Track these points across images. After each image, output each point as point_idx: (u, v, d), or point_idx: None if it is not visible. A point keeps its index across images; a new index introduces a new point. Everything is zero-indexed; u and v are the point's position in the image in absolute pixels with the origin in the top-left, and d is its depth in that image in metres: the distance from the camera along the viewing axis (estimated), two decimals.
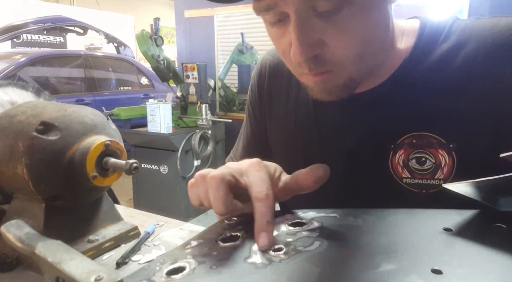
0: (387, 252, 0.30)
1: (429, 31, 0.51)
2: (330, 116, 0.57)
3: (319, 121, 0.58)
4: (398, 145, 0.51)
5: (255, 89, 0.67)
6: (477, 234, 0.32)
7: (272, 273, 0.28)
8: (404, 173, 0.51)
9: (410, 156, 0.50)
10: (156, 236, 0.77)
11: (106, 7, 8.78)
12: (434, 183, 0.49)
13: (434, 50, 0.50)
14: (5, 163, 0.63)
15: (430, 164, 0.49)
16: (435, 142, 0.49)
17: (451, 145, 0.48)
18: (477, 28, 0.48)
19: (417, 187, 0.50)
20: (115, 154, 0.67)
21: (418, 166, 0.50)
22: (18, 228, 0.36)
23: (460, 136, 0.48)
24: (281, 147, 0.64)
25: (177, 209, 3.07)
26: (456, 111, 0.48)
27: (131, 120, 3.17)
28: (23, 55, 4.14)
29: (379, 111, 0.53)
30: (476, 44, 0.47)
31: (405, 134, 0.50)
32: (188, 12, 3.67)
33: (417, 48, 0.51)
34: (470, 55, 0.47)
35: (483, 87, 0.46)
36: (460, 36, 0.49)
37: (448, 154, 0.48)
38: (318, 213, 0.39)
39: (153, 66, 3.13)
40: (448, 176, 0.49)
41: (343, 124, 0.55)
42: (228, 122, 3.32)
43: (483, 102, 0.47)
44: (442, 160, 0.49)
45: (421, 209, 0.38)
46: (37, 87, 0.81)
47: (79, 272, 0.27)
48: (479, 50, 0.47)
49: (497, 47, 0.46)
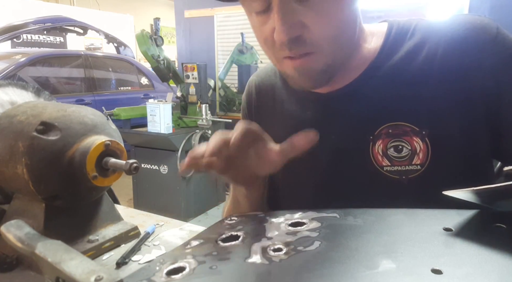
0: (387, 252, 0.30)
1: (396, 31, 0.57)
2: (313, 114, 0.61)
3: (303, 121, 0.62)
4: (376, 135, 0.55)
5: (245, 107, 0.74)
6: (477, 234, 0.32)
7: (272, 273, 0.28)
8: (384, 162, 0.54)
9: (388, 145, 0.54)
10: (156, 236, 0.77)
11: (106, 7, 8.78)
12: (412, 168, 0.53)
13: (401, 47, 0.56)
14: (5, 163, 0.63)
15: (407, 151, 0.53)
16: (409, 130, 0.53)
17: (423, 132, 0.52)
18: (439, 26, 0.55)
19: (397, 173, 0.54)
20: (115, 154, 0.67)
21: (396, 154, 0.54)
22: (18, 228, 0.36)
23: (431, 123, 0.52)
24: None
25: (177, 209, 3.07)
26: (424, 100, 0.53)
27: (131, 120, 3.17)
28: (23, 55, 4.13)
29: (356, 105, 0.57)
30: (437, 39, 0.53)
31: (382, 125, 0.54)
32: (188, 12, 3.67)
33: (385, 46, 0.57)
34: (432, 49, 0.53)
35: (445, 77, 0.52)
36: (423, 34, 0.55)
37: (422, 140, 0.52)
38: (318, 213, 0.39)
39: (153, 66, 3.12)
40: (425, 161, 0.52)
41: (325, 121, 0.59)
42: (228, 122, 3.32)
43: (448, 90, 0.52)
44: (417, 147, 0.53)
45: (421, 209, 0.38)
46: (37, 87, 0.81)
47: (79, 272, 0.27)
48: (440, 44, 0.53)
49: (455, 41, 0.52)
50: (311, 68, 0.50)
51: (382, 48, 0.57)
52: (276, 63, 0.53)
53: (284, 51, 0.49)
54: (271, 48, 0.51)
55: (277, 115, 0.67)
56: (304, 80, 0.52)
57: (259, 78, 0.72)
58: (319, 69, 0.51)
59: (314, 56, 0.49)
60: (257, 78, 0.72)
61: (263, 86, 0.71)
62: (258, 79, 0.72)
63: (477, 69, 0.51)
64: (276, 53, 0.51)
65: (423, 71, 0.53)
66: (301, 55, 0.49)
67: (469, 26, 0.52)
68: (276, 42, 0.48)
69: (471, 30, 0.52)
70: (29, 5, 6.79)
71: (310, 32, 0.47)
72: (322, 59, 0.50)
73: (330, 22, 0.48)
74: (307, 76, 0.51)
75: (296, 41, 0.47)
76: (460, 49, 0.52)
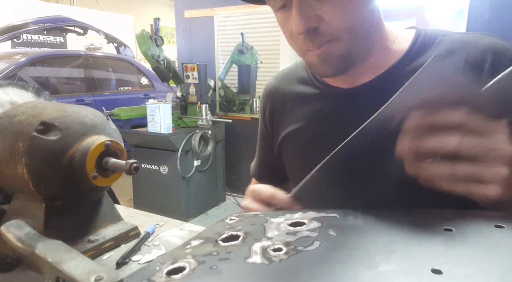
0: (386, 252, 0.30)
1: (422, 38, 0.62)
2: (332, 108, 0.67)
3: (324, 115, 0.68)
4: None
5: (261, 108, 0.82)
6: (477, 234, 0.32)
7: (272, 273, 0.28)
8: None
9: None
10: (156, 236, 0.77)
11: (106, 7, 8.78)
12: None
13: (426, 53, 0.60)
14: (5, 163, 0.63)
15: None
16: None
17: None
18: (463, 43, 0.59)
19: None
20: (115, 154, 0.67)
21: None
22: (18, 228, 0.36)
23: None
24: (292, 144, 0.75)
25: (177, 209, 3.07)
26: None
27: (131, 120, 3.16)
28: (23, 55, 4.13)
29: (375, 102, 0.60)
30: (459, 55, 0.58)
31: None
32: (188, 12, 3.67)
33: (411, 50, 0.61)
34: (453, 62, 0.58)
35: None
36: (448, 47, 0.59)
37: None
38: (318, 213, 0.39)
39: (153, 66, 3.12)
40: None
41: (344, 115, 0.64)
42: (228, 122, 3.32)
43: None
44: None
45: (421, 209, 0.38)
46: (37, 87, 0.81)
47: (79, 272, 0.27)
48: (460, 61, 0.57)
49: (473, 60, 0.57)
50: (332, 54, 0.56)
51: (408, 52, 0.61)
52: (301, 55, 0.59)
53: (306, 44, 0.55)
54: (296, 42, 0.57)
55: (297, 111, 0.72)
56: (326, 67, 0.58)
57: (276, 80, 0.80)
58: (339, 54, 0.56)
59: (334, 43, 0.55)
60: (273, 81, 0.80)
61: (281, 86, 0.77)
62: (273, 82, 0.80)
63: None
64: (300, 47, 0.57)
65: None
66: (322, 45, 0.55)
67: (489, 49, 0.56)
68: (294, 34, 0.55)
69: (490, 52, 0.56)
70: (29, 5, 6.78)
71: (326, 24, 0.53)
72: (342, 46, 0.55)
73: (345, 15, 0.53)
74: (329, 62, 0.57)
75: (313, 32, 0.53)
76: (478, 68, 0.56)
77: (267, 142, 0.84)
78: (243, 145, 3.52)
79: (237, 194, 3.60)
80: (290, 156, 0.76)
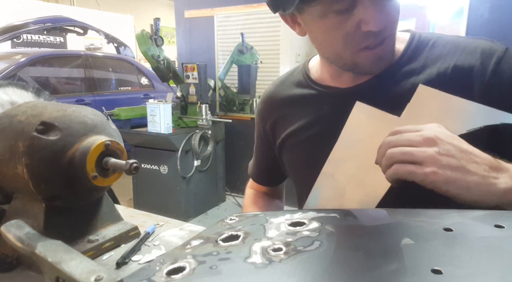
0: (387, 252, 0.30)
1: (417, 41, 0.65)
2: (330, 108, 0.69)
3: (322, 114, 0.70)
4: None
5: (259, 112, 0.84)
6: (477, 234, 0.32)
7: (272, 273, 0.28)
8: None
9: None
10: (156, 236, 0.77)
11: (106, 7, 8.78)
12: None
13: (419, 56, 0.64)
14: (5, 163, 0.63)
15: None
16: None
17: None
18: (455, 46, 0.63)
19: None
20: (115, 154, 0.67)
21: None
22: (18, 228, 0.36)
23: None
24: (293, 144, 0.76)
25: (177, 209, 3.07)
26: None
27: (131, 120, 3.16)
28: (23, 55, 4.13)
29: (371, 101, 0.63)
30: (450, 59, 0.62)
31: None
32: (188, 12, 3.67)
33: (406, 52, 0.65)
34: (445, 64, 0.61)
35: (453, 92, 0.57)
36: (441, 50, 0.63)
37: None
38: (318, 213, 0.39)
39: (153, 66, 3.12)
40: None
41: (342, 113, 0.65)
42: (228, 122, 3.32)
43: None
44: None
45: (421, 209, 0.38)
46: (37, 87, 0.81)
47: (79, 272, 0.27)
48: (451, 63, 0.61)
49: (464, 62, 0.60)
50: (386, 53, 0.60)
51: (403, 54, 0.65)
52: (350, 56, 0.59)
53: (367, 40, 0.56)
54: (351, 42, 0.57)
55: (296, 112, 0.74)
56: (373, 67, 0.61)
57: (274, 85, 0.82)
58: (383, 56, 0.60)
59: (387, 41, 0.58)
60: (272, 87, 0.82)
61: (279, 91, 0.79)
62: (271, 87, 0.82)
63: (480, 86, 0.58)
64: (356, 45, 0.57)
65: (434, 81, 0.60)
66: (380, 43, 0.57)
67: (479, 51, 0.60)
68: (361, 33, 0.55)
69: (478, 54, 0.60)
70: (29, 5, 6.78)
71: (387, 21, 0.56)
72: (392, 42, 0.60)
73: (394, 12, 0.57)
74: (376, 64, 0.61)
75: (375, 34, 0.56)
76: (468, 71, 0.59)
77: (264, 143, 0.86)
78: (243, 145, 3.52)
79: (237, 194, 3.60)
80: (290, 156, 0.77)
